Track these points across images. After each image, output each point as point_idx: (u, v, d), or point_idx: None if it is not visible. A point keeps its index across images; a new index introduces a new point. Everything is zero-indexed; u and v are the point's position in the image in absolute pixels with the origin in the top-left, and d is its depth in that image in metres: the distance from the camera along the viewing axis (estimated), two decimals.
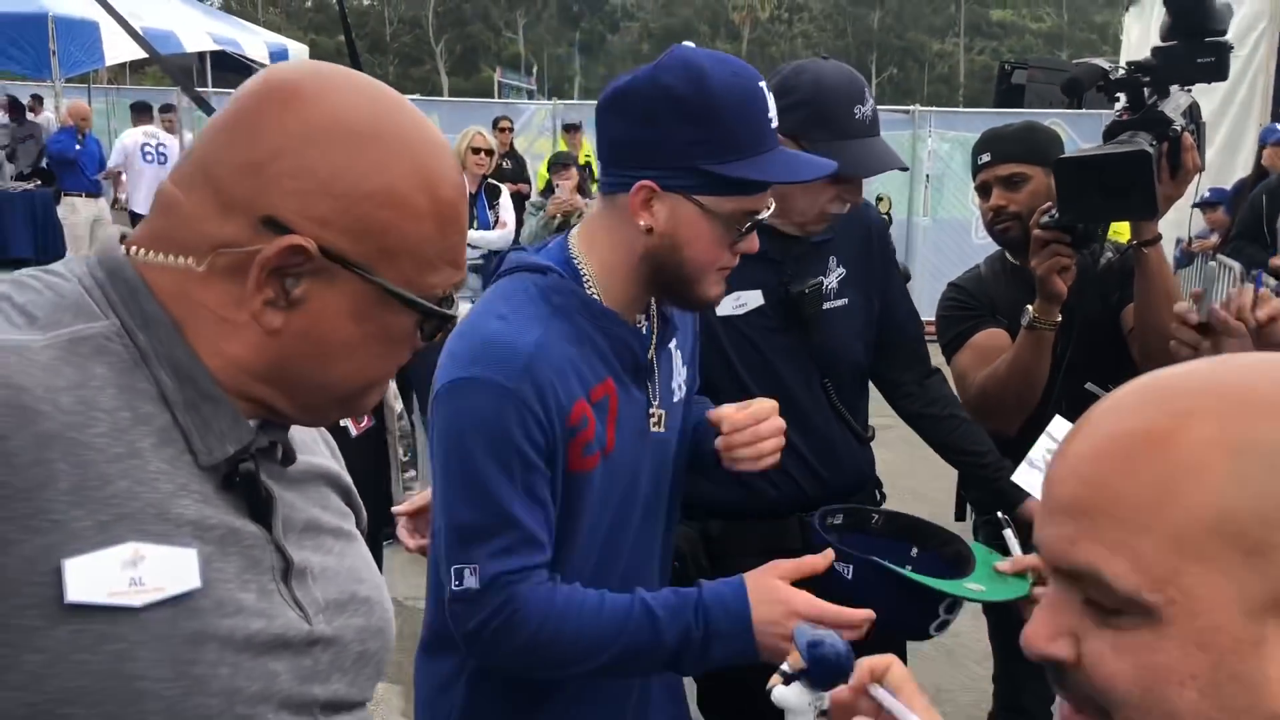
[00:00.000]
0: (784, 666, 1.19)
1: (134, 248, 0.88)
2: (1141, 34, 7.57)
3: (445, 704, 1.61)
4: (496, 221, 6.19)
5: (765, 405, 1.63)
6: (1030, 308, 2.25)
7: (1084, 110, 11.52)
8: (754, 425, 1.60)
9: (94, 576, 0.77)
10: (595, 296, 1.50)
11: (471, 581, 1.41)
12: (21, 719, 0.76)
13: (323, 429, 1.08)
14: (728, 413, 1.63)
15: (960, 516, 2.64)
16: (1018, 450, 2.21)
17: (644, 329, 1.57)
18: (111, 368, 0.82)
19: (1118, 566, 0.67)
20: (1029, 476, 2.08)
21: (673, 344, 1.64)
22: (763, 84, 1.48)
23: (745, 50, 53.37)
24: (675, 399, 1.63)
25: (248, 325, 0.86)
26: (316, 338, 0.87)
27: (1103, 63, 2.25)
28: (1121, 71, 2.17)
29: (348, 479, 1.09)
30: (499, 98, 23.24)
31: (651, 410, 1.57)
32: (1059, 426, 2.11)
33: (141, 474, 0.81)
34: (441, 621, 1.52)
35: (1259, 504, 0.65)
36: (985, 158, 2.42)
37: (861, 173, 2.03)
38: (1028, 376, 2.28)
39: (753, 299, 2.14)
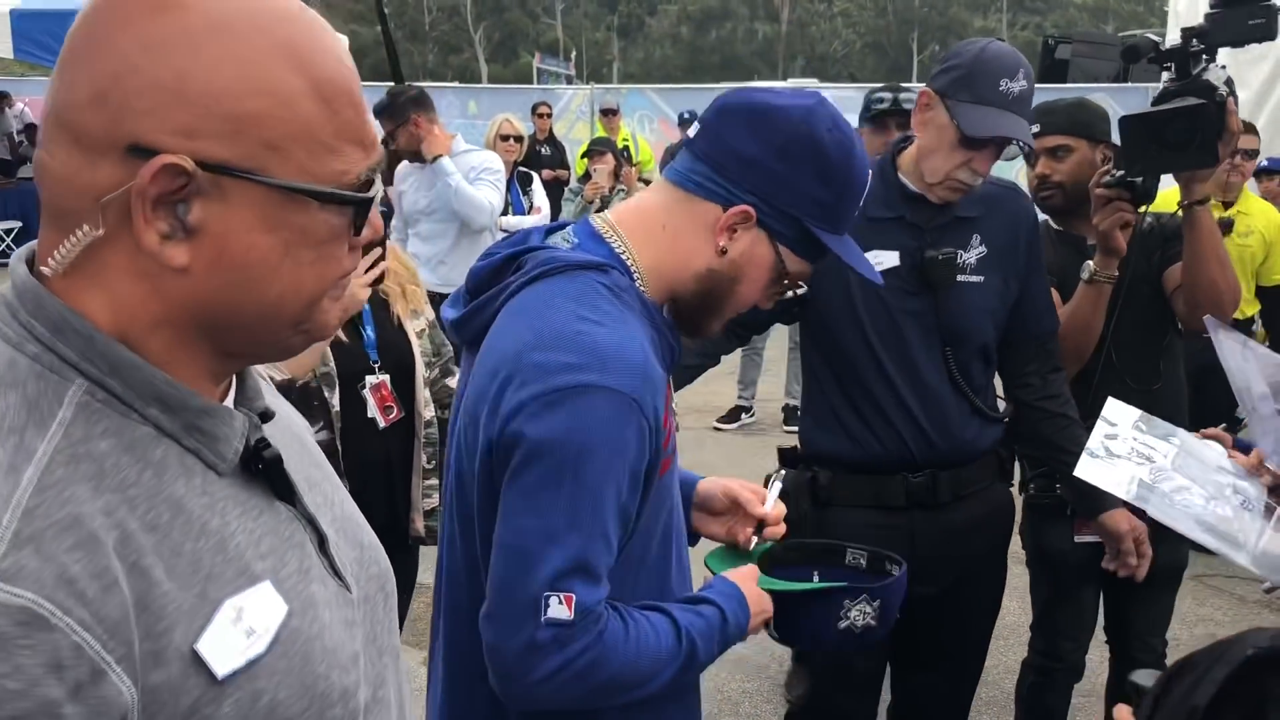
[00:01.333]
0: None
1: (47, 265, 0.79)
2: (1189, 5, 7.41)
3: None
4: (531, 208, 6.21)
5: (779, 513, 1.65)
6: (1090, 263, 2.43)
7: (1129, 84, 11.34)
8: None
9: (223, 645, 0.78)
10: (644, 292, 1.43)
11: (562, 613, 1.27)
12: None
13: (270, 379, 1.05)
14: (754, 500, 1.63)
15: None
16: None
17: None
18: (108, 432, 0.78)
19: None
20: (1092, 468, 2.09)
21: None
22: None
23: (785, 31, 52.95)
24: None
25: (164, 273, 0.78)
26: (231, 263, 0.79)
27: (1154, 35, 2.47)
28: (1176, 41, 2.32)
29: (297, 414, 1.06)
30: (538, 83, 23.25)
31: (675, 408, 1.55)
32: (1114, 410, 2.11)
33: (194, 527, 0.80)
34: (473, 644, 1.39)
35: None
36: (1035, 129, 2.56)
37: (973, 131, 2.10)
38: (1086, 327, 2.46)
39: (889, 259, 2.23)
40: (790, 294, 1.51)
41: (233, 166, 0.77)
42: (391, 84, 6.60)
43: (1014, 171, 11.45)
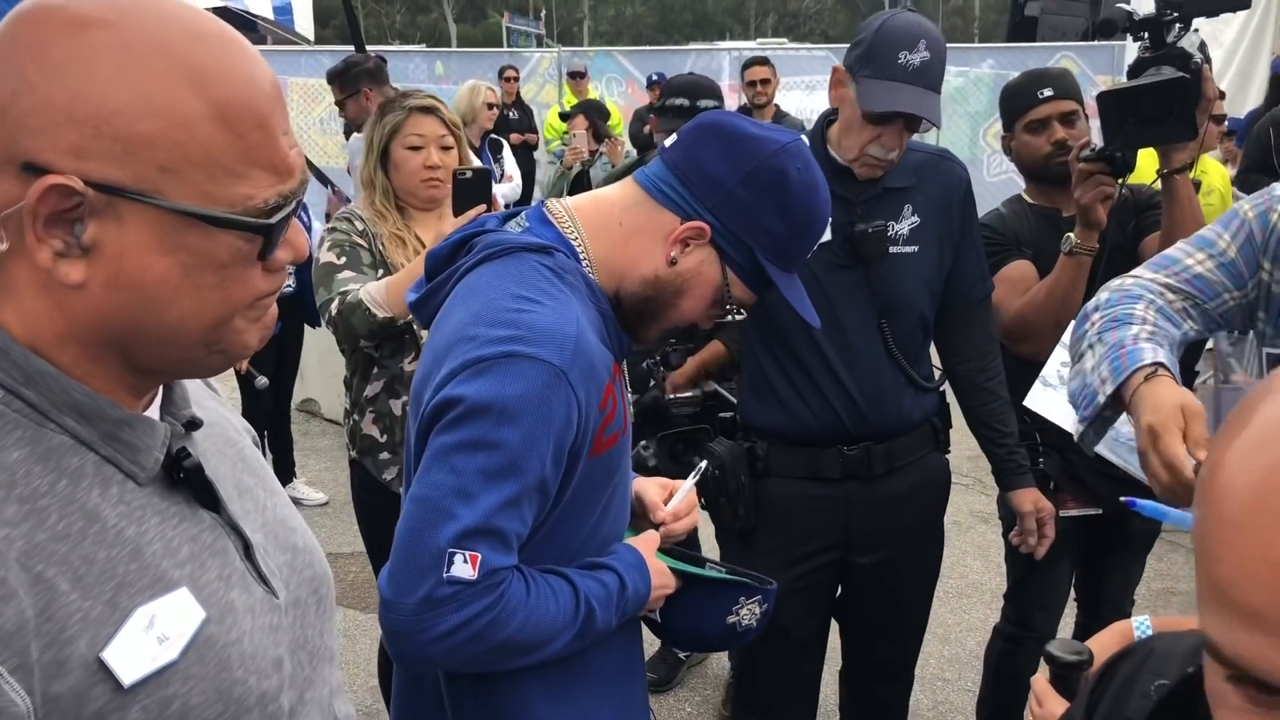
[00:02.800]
0: None
1: None
2: None
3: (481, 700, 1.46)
4: (502, 175, 6.18)
5: (687, 505, 1.64)
6: (1071, 235, 2.41)
7: (1097, 43, 11.36)
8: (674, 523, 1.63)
9: (132, 653, 0.78)
10: (593, 277, 1.46)
11: (465, 571, 1.28)
12: None
13: None
14: (660, 502, 1.63)
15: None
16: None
17: None
18: (21, 442, 0.79)
19: None
20: (1041, 399, 2.08)
21: None
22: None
23: None
24: None
25: (63, 289, 0.79)
26: (128, 283, 0.80)
27: (1125, 6, 2.44)
28: (1149, 11, 2.32)
29: (239, 418, 1.06)
30: (507, 43, 23.04)
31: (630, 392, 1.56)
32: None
33: (107, 535, 0.80)
34: None
35: None
36: (1048, 92, 2.55)
37: (869, 107, 2.11)
38: (1066, 300, 2.44)
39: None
40: (730, 318, 1.53)
41: (125, 188, 0.77)
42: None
43: (982, 131, 11.49)
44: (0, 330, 0.80)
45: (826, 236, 2.21)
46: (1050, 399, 2.07)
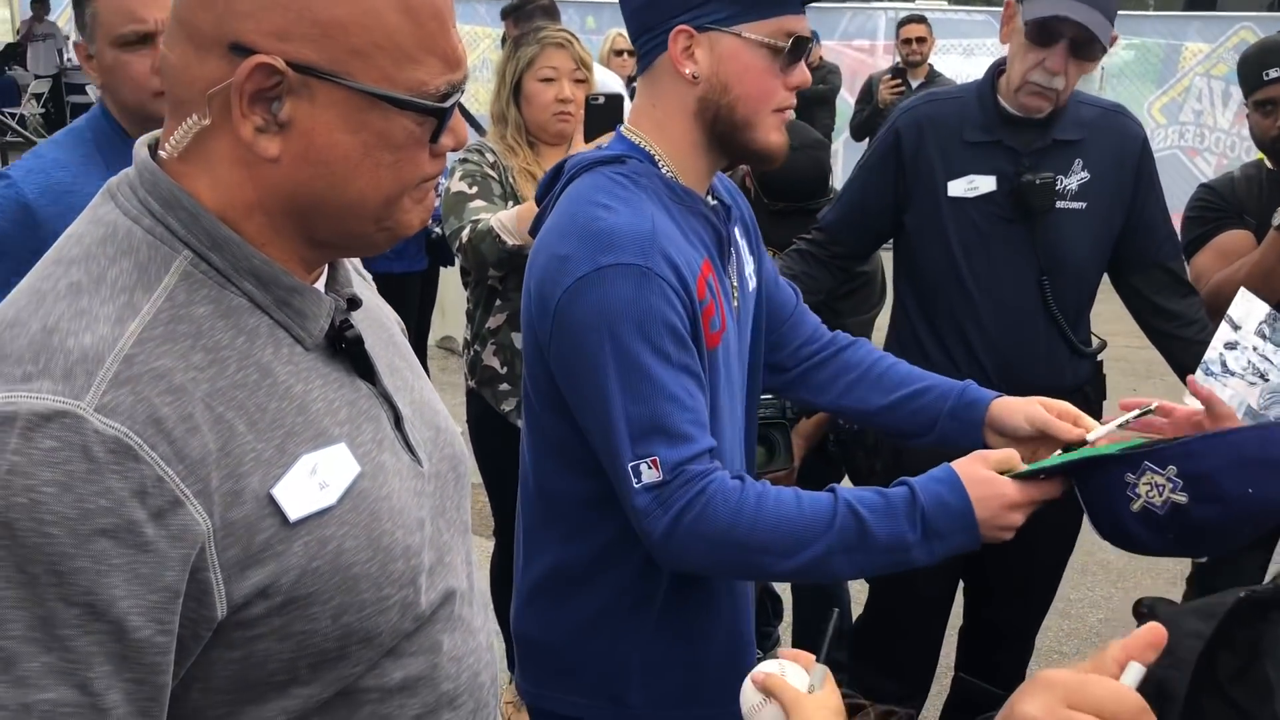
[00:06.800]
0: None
1: (164, 149, 0.90)
2: None
3: (598, 645, 1.54)
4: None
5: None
6: None
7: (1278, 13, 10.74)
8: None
9: (297, 493, 0.88)
10: (673, 176, 1.48)
11: (652, 475, 1.35)
12: (275, 629, 0.88)
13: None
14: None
15: None
16: None
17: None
18: (207, 300, 0.88)
19: None
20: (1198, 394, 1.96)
21: (736, 229, 1.61)
22: None
23: None
24: (750, 287, 1.62)
25: (259, 162, 0.88)
26: (316, 157, 0.88)
27: None
28: None
29: (390, 309, 1.15)
30: None
31: (734, 289, 1.56)
32: (1241, 306, 1.87)
33: (278, 389, 0.89)
34: (565, 557, 1.51)
35: None
36: (1273, 73, 2.42)
37: (1028, 15, 2.07)
38: (1268, 278, 2.28)
39: (985, 184, 2.20)
40: (803, 42, 1.44)
41: (320, 69, 0.85)
42: None
43: (1147, 105, 11.03)
44: (192, 199, 0.89)
45: (991, 186, 2.18)
46: (1213, 389, 1.93)
